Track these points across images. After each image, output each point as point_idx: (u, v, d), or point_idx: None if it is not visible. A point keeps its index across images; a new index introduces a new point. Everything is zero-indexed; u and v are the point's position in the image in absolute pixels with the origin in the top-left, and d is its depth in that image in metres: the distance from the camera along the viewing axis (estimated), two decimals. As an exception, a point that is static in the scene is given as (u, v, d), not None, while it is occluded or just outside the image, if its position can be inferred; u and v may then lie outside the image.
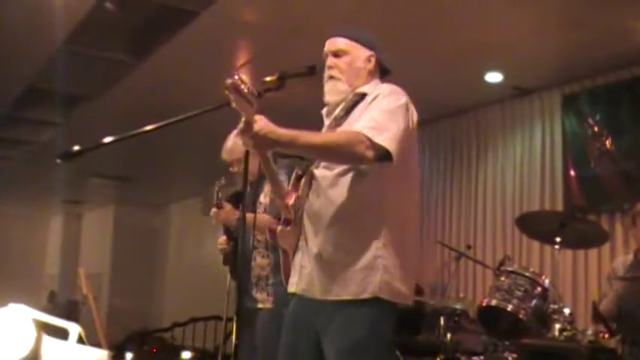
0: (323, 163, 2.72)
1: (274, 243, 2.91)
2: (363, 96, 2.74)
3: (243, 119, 2.43)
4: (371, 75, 2.84)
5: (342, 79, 2.80)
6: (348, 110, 2.75)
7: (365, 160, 2.53)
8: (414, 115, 2.70)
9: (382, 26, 5.44)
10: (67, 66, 6.77)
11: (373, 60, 2.84)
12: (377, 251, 2.60)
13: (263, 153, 2.67)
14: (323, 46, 2.89)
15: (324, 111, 2.93)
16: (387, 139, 2.52)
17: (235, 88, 2.36)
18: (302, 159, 2.79)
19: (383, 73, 2.90)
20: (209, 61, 6.52)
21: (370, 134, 2.50)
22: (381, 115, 2.57)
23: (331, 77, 2.81)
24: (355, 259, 2.60)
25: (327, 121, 2.88)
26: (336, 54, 2.83)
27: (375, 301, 2.57)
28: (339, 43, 2.85)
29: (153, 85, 7.39)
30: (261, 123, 2.41)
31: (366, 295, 2.57)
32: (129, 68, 7.04)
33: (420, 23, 5.61)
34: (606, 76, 6.41)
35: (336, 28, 2.92)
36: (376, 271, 2.58)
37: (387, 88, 2.71)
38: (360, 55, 2.83)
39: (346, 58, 2.82)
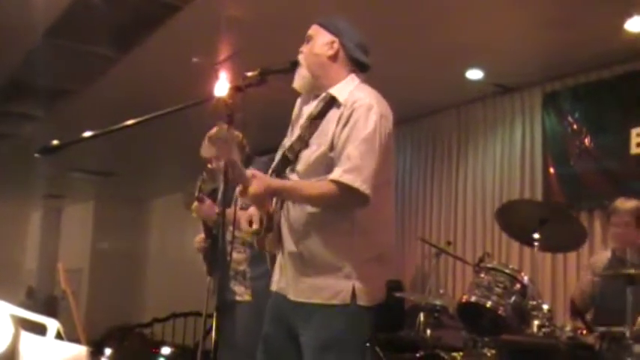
0: (298, 167, 2.72)
1: (261, 250, 2.92)
2: (334, 100, 2.70)
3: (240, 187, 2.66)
4: (334, 61, 2.78)
5: (303, 65, 2.79)
6: (322, 113, 2.71)
7: (347, 208, 2.62)
8: (389, 122, 2.68)
9: (364, 23, 5.43)
10: (48, 60, 6.72)
11: (335, 46, 2.78)
12: (352, 261, 2.61)
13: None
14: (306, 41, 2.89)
15: (299, 100, 2.94)
16: (363, 182, 2.53)
17: (216, 139, 2.53)
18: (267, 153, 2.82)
19: (359, 66, 2.83)
20: (192, 55, 6.49)
21: (348, 180, 2.53)
22: (356, 150, 2.55)
23: (299, 64, 2.81)
24: (329, 266, 2.62)
25: (301, 115, 2.86)
26: (307, 40, 2.84)
27: (348, 306, 2.59)
28: (310, 29, 2.86)
29: (135, 79, 7.34)
30: (256, 184, 2.58)
31: (336, 302, 2.59)
32: (111, 62, 6.99)
33: (401, 20, 5.62)
34: (587, 74, 6.46)
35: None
36: (350, 280, 2.60)
37: (360, 102, 2.63)
38: (321, 40, 2.80)
39: (311, 44, 2.82)
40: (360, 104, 2.62)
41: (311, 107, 2.79)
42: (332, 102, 2.70)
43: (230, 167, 2.58)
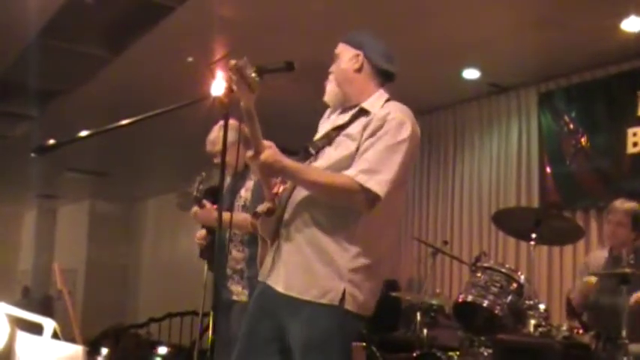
0: (317, 163, 2.71)
1: (255, 233, 2.89)
2: (365, 112, 2.72)
3: (250, 151, 2.54)
4: (360, 73, 2.81)
5: (333, 82, 2.85)
6: (349, 122, 2.73)
7: (356, 206, 2.58)
8: (418, 141, 2.70)
9: (359, 23, 5.42)
10: (41, 60, 6.71)
11: (360, 59, 2.80)
12: (347, 261, 2.59)
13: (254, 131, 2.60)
14: (299, 41, 2.89)
15: (327, 111, 2.96)
16: (377, 183, 2.53)
17: (240, 71, 2.40)
18: (293, 154, 2.77)
19: (385, 75, 2.86)
20: (185, 55, 6.49)
21: (362, 180, 2.53)
22: (377, 155, 2.57)
23: (328, 81, 2.86)
24: (326, 262, 2.59)
25: (326, 122, 2.90)
26: (334, 59, 2.87)
27: (336, 308, 2.57)
28: (336, 48, 2.89)
29: (128, 79, 7.34)
30: (269, 152, 2.52)
31: (325, 301, 2.57)
32: (104, 62, 6.98)
33: (397, 20, 5.61)
34: (582, 74, 6.47)
35: (311, 24, 2.90)
36: (342, 282, 2.58)
37: (393, 115, 2.66)
38: (346, 56, 2.83)
39: (338, 62, 2.85)
40: (392, 117, 2.65)
41: (339, 119, 2.81)
42: (362, 113, 2.73)
43: (246, 117, 2.51)
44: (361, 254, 2.61)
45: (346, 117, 2.77)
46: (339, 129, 2.74)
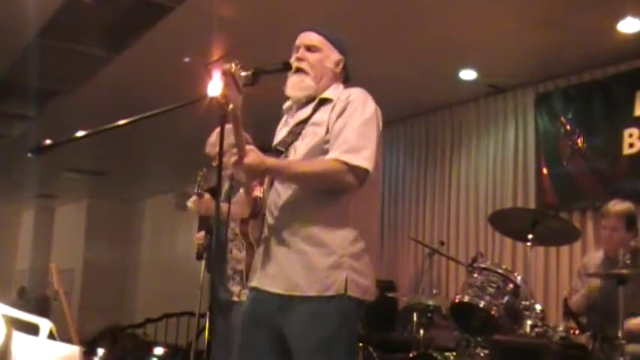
0: (290, 159, 2.72)
1: (244, 238, 2.88)
2: (326, 100, 2.73)
3: (234, 151, 2.53)
4: (335, 79, 2.83)
5: (310, 75, 2.78)
6: (313, 113, 2.74)
7: (347, 186, 2.59)
8: (380, 117, 2.72)
9: (358, 23, 5.45)
10: (40, 59, 6.71)
11: (341, 65, 2.84)
12: (344, 249, 2.59)
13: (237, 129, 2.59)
14: (298, 42, 2.87)
15: (285, 105, 2.91)
16: (364, 159, 2.56)
17: (232, 75, 2.42)
18: (268, 151, 2.77)
19: (344, 79, 2.89)
20: (183, 55, 6.49)
21: (347, 159, 2.55)
22: (353, 133, 2.59)
23: (299, 70, 2.79)
24: (325, 254, 2.58)
25: (288, 119, 2.88)
26: (309, 48, 2.82)
27: (341, 297, 2.56)
28: (314, 38, 2.83)
29: (127, 79, 7.33)
30: (252, 156, 2.51)
31: (330, 293, 2.56)
32: (103, 62, 6.97)
33: (395, 20, 5.62)
34: (580, 75, 6.48)
35: (311, 23, 2.90)
36: (342, 270, 2.57)
37: (355, 95, 2.69)
38: (331, 57, 2.83)
39: (318, 55, 2.81)
40: (355, 97, 2.68)
41: (300, 114, 2.80)
42: (323, 102, 2.74)
43: (233, 120, 2.51)
44: (357, 238, 2.62)
45: (308, 110, 2.77)
46: (303, 122, 2.74)
